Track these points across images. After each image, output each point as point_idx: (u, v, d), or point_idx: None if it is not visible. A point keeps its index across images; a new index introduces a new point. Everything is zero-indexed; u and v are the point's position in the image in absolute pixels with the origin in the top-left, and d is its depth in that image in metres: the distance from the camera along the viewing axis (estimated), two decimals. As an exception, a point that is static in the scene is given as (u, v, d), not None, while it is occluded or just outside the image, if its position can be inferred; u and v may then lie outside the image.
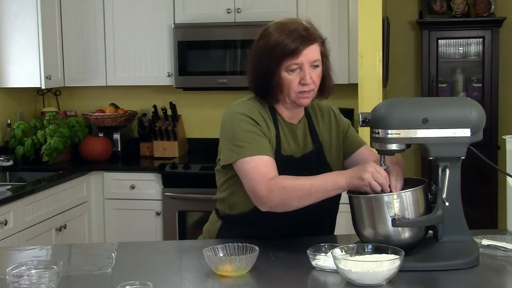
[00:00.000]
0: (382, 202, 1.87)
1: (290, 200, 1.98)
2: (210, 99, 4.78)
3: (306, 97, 2.12)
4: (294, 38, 2.06)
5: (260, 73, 2.13)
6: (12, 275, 1.71)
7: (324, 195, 1.97)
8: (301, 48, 2.06)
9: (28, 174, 4.22)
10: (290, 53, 2.06)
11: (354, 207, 1.96)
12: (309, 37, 2.08)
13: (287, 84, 2.09)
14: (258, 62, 2.13)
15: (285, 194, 1.98)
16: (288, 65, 2.07)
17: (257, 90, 2.18)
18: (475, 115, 1.91)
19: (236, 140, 2.08)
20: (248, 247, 1.90)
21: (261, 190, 1.99)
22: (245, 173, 2.05)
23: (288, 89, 2.10)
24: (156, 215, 4.26)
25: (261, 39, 2.15)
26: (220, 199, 2.26)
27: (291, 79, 2.08)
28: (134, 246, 2.36)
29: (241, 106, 2.16)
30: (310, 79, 2.08)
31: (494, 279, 1.88)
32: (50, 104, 4.97)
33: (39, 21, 4.28)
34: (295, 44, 2.06)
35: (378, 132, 1.92)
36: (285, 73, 2.08)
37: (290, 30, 2.08)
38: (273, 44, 2.08)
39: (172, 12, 4.45)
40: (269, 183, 1.99)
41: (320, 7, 4.24)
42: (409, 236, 1.88)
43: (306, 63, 2.07)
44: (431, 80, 4.86)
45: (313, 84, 2.10)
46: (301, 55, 2.06)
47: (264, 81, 2.12)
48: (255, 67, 2.15)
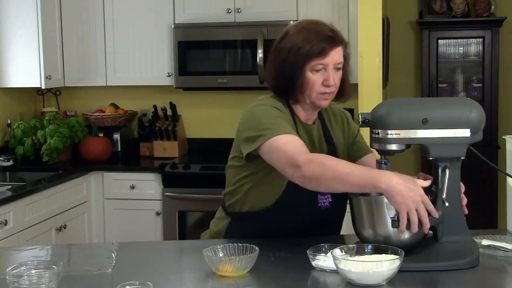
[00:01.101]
0: (382, 203, 1.87)
1: (324, 177, 1.87)
2: (210, 99, 4.78)
3: (326, 98, 2.12)
4: (322, 39, 2.07)
5: (283, 71, 2.11)
6: (12, 275, 1.71)
7: (357, 189, 1.87)
8: (328, 49, 2.07)
9: (28, 174, 4.22)
10: (317, 53, 2.06)
11: (354, 207, 1.96)
12: (336, 38, 2.10)
13: (311, 84, 2.09)
14: (282, 60, 2.12)
15: (323, 169, 1.87)
16: (313, 65, 2.07)
17: (278, 89, 2.17)
18: (475, 115, 1.91)
19: (262, 125, 2.04)
20: (248, 247, 1.90)
21: (299, 158, 1.90)
22: (277, 148, 1.97)
23: (311, 90, 2.10)
24: (156, 215, 4.26)
25: (285, 38, 2.14)
26: (231, 196, 2.25)
27: (315, 79, 2.08)
28: (134, 246, 2.36)
29: (264, 100, 2.15)
30: (333, 81, 2.09)
31: (494, 279, 1.88)
32: (50, 104, 4.97)
33: (39, 21, 4.28)
34: (322, 45, 2.06)
35: (378, 132, 1.92)
36: (309, 73, 2.08)
37: (318, 31, 2.09)
38: (300, 44, 2.08)
39: (172, 12, 4.45)
40: (308, 154, 1.93)
41: (320, 7, 4.24)
42: (409, 237, 1.88)
43: (330, 64, 2.08)
44: (431, 80, 4.87)
45: (334, 86, 2.11)
46: (328, 56, 2.07)
47: (287, 80, 2.11)
48: (278, 65, 2.14)
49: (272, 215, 2.15)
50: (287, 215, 2.14)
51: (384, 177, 1.79)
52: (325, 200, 2.17)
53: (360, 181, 1.83)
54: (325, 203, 2.17)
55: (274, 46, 2.18)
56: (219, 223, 2.31)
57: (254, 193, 2.17)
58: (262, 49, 4.16)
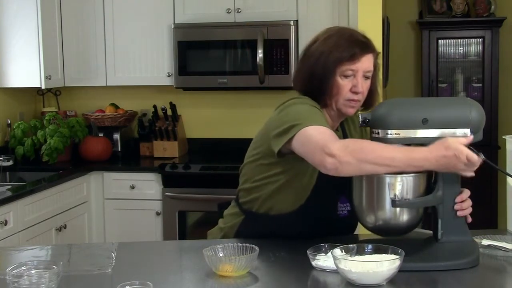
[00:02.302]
0: (384, 183, 1.88)
1: (365, 161, 1.82)
2: (210, 99, 4.78)
3: (353, 106, 2.11)
4: (354, 44, 2.07)
5: (314, 75, 2.10)
6: (12, 275, 1.71)
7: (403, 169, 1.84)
8: (359, 54, 2.06)
9: (28, 174, 4.22)
10: (348, 58, 2.05)
11: (354, 183, 1.97)
12: (368, 45, 2.10)
13: (339, 89, 2.08)
14: (313, 64, 2.11)
15: (362, 155, 1.82)
16: (343, 70, 2.06)
17: (307, 93, 2.14)
18: (475, 115, 1.91)
19: (295, 119, 1.99)
20: (248, 247, 1.90)
21: (334, 145, 1.85)
22: (309, 138, 1.92)
23: (338, 95, 2.09)
24: (156, 215, 4.26)
25: (317, 42, 2.13)
26: (249, 193, 2.21)
27: (344, 85, 2.07)
28: (134, 246, 2.36)
29: (300, 99, 2.12)
30: (361, 88, 2.08)
31: (494, 279, 1.89)
32: (50, 104, 4.97)
33: (39, 21, 4.28)
34: (354, 50, 2.06)
35: (378, 132, 1.92)
36: (338, 78, 2.07)
37: (350, 36, 2.09)
38: (332, 47, 2.07)
39: (172, 12, 4.45)
40: (343, 141, 1.90)
41: (320, 7, 4.24)
42: (407, 217, 1.90)
43: (360, 71, 2.07)
44: (431, 80, 4.87)
45: (362, 94, 2.10)
46: (358, 62, 2.06)
47: (317, 84, 2.10)
48: (308, 68, 2.13)
49: (290, 221, 2.13)
50: (305, 222, 2.13)
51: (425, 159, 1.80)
52: (344, 208, 2.17)
53: (402, 165, 1.82)
54: (343, 211, 2.17)
55: (304, 50, 2.17)
56: (232, 219, 2.28)
57: (277, 196, 2.15)
58: (262, 49, 4.16)
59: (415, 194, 1.90)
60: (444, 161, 1.81)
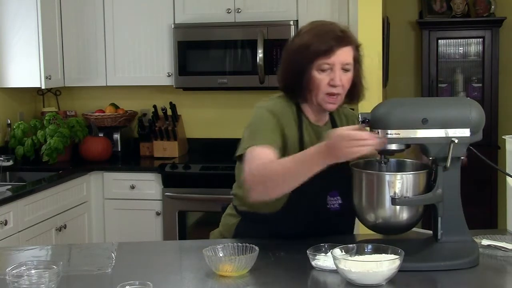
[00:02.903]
0: (384, 180, 1.88)
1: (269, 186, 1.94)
2: (210, 99, 4.78)
3: (333, 102, 2.12)
4: (329, 38, 2.07)
5: (291, 70, 2.13)
6: (12, 275, 1.71)
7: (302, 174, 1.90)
8: (335, 48, 2.07)
9: (28, 174, 4.22)
10: (323, 52, 2.06)
11: (355, 180, 1.97)
12: (344, 38, 2.09)
13: (317, 83, 2.09)
14: (291, 59, 2.14)
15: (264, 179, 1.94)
16: (320, 64, 2.07)
17: (287, 89, 2.18)
18: (474, 115, 1.91)
19: (252, 128, 2.10)
20: (248, 247, 1.90)
21: (247, 172, 1.98)
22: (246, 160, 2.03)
23: (317, 89, 2.10)
24: (156, 215, 4.26)
25: (296, 37, 2.16)
26: (239, 196, 2.25)
27: (321, 79, 2.08)
28: (134, 246, 2.36)
29: (268, 102, 2.18)
30: (340, 81, 2.08)
31: (494, 279, 1.89)
32: (50, 104, 4.97)
33: (39, 21, 4.28)
34: (329, 44, 2.06)
35: (378, 132, 1.92)
36: (315, 72, 2.09)
37: (326, 30, 2.10)
38: (307, 42, 2.09)
39: (172, 12, 4.45)
40: (253, 169, 1.97)
41: (320, 7, 4.23)
42: (407, 217, 1.90)
43: (337, 64, 2.08)
44: (431, 80, 4.87)
45: (341, 88, 2.10)
46: (334, 55, 2.07)
47: (295, 79, 2.12)
48: (287, 64, 2.16)
49: (281, 218, 2.14)
50: (296, 218, 2.14)
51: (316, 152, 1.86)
52: (334, 202, 2.17)
53: (299, 168, 1.89)
54: (334, 204, 2.17)
55: (285, 45, 2.19)
56: (229, 220, 2.30)
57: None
58: (262, 49, 4.16)
59: (415, 192, 1.90)
60: (332, 146, 1.82)
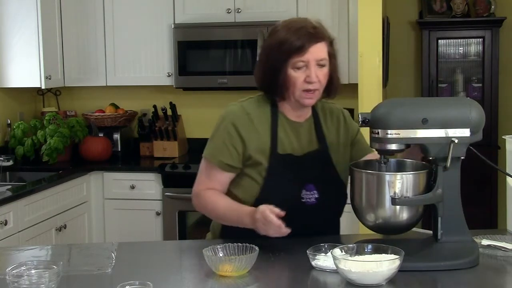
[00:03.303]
0: (384, 180, 1.88)
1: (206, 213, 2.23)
2: (210, 99, 4.78)
3: (310, 97, 2.13)
4: (301, 35, 2.08)
5: (267, 70, 2.14)
6: (12, 275, 1.71)
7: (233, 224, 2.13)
8: (308, 45, 2.08)
9: (28, 174, 4.22)
10: (296, 50, 2.07)
11: (355, 180, 1.97)
12: (316, 35, 2.10)
13: (293, 81, 2.10)
14: (266, 59, 2.15)
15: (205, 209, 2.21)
16: (294, 62, 2.08)
17: (264, 87, 2.20)
18: (474, 115, 1.91)
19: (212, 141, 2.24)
20: (248, 247, 1.90)
21: (194, 190, 2.24)
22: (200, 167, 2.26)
23: (294, 87, 2.11)
24: (156, 215, 4.26)
25: (269, 36, 2.17)
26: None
27: (297, 77, 2.09)
28: (134, 246, 2.35)
29: (233, 108, 2.21)
30: (316, 78, 2.09)
31: (494, 279, 1.88)
32: (50, 104, 4.97)
33: (39, 21, 4.28)
34: (301, 41, 2.07)
35: (378, 132, 1.92)
36: (291, 70, 2.10)
37: (298, 28, 2.10)
38: (280, 41, 2.10)
39: (172, 12, 4.45)
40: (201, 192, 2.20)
41: (320, 7, 4.24)
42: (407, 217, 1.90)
43: (312, 61, 2.09)
44: (431, 80, 4.86)
45: (318, 83, 2.11)
46: (307, 53, 2.08)
47: (271, 78, 2.13)
48: (263, 64, 2.18)
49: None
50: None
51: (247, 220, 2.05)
52: (311, 196, 2.17)
53: (232, 224, 2.13)
54: (311, 199, 2.17)
55: (261, 45, 2.21)
56: (215, 223, 2.33)
57: (235, 191, 2.21)
58: (262, 49, 4.16)
59: (415, 192, 1.90)
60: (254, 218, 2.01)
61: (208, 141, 2.26)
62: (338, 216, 2.30)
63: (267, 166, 2.14)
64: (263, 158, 2.15)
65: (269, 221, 1.96)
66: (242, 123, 2.17)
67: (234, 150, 2.16)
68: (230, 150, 2.17)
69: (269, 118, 2.18)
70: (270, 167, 2.14)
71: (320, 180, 2.17)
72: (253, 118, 2.17)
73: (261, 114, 2.19)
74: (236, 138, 2.16)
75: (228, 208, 2.14)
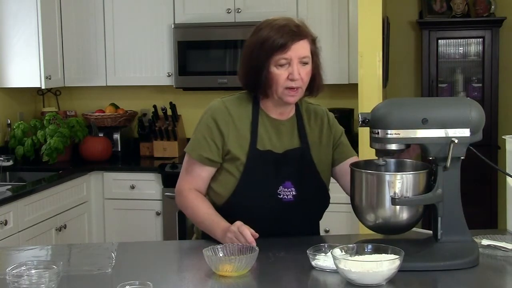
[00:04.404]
0: (384, 180, 1.88)
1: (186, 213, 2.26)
2: (210, 99, 4.66)
3: (293, 95, 2.14)
4: (284, 33, 2.09)
5: (250, 67, 2.16)
6: (12, 275, 1.71)
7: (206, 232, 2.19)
8: (290, 43, 2.09)
9: (28, 174, 4.22)
10: (279, 47, 2.09)
11: (355, 180, 1.97)
12: (299, 33, 2.11)
13: (275, 79, 2.11)
14: (249, 57, 2.17)
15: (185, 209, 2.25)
16: (277, 59, 2.10)
17: (247, 85, 2.22)
18: (474, 115, 1.91)
19: (194, 136, 2.24)
20: (248, 247, 1.90)
21: (177, 187, 2.27)
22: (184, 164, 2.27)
23: (276, 84, 2.12)
24: (156, 215, 4.26)
25: (252, 35, 2.18)
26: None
27: (279, 74, 2.11)
28: (134, 246, 2.36)
29: (215, 103, 2.25)
30: (299, 75, 2.10)
31: (494, 279, 1.88)
32: (50, 104, 4.97)
33: (39, 21, 4.28)
34: (284, 39, 2.09)
35: (378, 132, 1.92)
36: (274, 68, 2.11)
37: (281, 26, 2.11)
38: (263, 39, 2.11)
39: (172, 12, 4.45)
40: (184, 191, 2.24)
41: (320, 7, 4.24)
42: (407, 217, 1.90)
43: (295, 59, 2.10)
44: (431, 80, 4.86)
45: (300, 81, 2.12)
46: (290, 50, 2.09)
47: (254, 76, 2.15)
48: (246, 62, 2.19)
49: (234, 207, 2.17)
50: (246, 207, 2.14)
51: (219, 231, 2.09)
52: (288, 193, 2.18)
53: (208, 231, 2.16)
54: (288, 196, 2.18)
55: (244, 43, 2.22)
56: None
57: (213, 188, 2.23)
58: (262, 49, 4.16)
59: (415, 192, 1.90)
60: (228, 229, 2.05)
61: (192, 136, 2.27)
62: (317, 216, 2.30)
63: (245, 161, 2.16)
64: (241, 153, 2.16)
65: (244, 235, 1.97)
66: (221, 118, 2.19)
67: (214, 144, 2.18)
68: (210, 144, 2.18)
69: (250, 115, 2.20)
70: (248, 162, 2.16)
71: (299, 178, 2.18)
72: (233, 114, 2.20)
73: (242, 111, 2.21)
74: (216, 132, 2.18)
75: (207, 217, 2.16)
